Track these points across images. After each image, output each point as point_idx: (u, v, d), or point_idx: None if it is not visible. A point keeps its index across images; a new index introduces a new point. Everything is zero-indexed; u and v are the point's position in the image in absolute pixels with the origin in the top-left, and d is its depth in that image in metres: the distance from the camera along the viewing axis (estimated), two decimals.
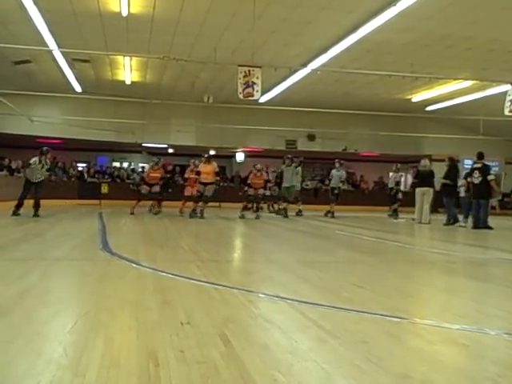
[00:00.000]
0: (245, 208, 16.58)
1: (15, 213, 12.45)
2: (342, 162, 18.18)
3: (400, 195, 19.11)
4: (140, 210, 15.48)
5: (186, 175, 16.54)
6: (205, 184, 14.75)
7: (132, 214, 15.07)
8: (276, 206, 18.84)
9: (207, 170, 14.85)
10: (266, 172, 17.96)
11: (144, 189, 15.72)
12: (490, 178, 13.61)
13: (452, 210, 14.75)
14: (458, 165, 15.98)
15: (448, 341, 3.17)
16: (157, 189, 15.66)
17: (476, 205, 13.71)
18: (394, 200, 18.67)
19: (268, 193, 18.57)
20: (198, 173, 14.99)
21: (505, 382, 2.46)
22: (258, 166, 16.65)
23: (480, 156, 13.98)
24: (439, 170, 15.79)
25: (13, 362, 2.50)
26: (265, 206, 19.67)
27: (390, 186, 19.11)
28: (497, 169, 19.91)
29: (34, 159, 12.88)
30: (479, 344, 3.17)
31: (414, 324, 3.59)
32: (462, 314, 3.87)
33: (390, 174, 19.48)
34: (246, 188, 17.79)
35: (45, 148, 13.20)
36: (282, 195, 17.19)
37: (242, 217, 15.34)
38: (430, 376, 2.51)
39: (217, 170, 15.12)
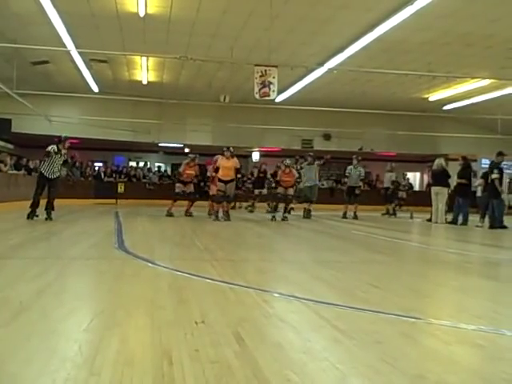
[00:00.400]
0: (275, 209, 15.56)
1: (31, 215, 11.19)
2: (359, 158, 17.12)
3: (402, 194, 19.06)
4: (156, 211, 15.46)
5: (208, 174, 15.32)
6: (226, 182, 13.43)
7: (170, 215, 14.08)
8: (272, 204, 17.71)
9: (229, 165, 13.46)
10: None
11: (178, 187, 14.52)
12: (493, 176, 13.51)
13: (465, 211, 14.59)
14: (471, 164, 15.81)
15: (464, 341, 3.14)
16: (191, 188, 14.53)
17: (491, 204, 13.62)
18: (390, 199, 18.53)
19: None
20: (217, 169, 13.58)
21: None
22: (287, 162, 15.02)
23: (498, 155, 13.88)
24: (454, 170, 15.62)
25: (28, 359, 2.51)
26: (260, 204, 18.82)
27: (385, 185, 18.95)
28: None
29: (52, 146, 11.50)
30: (496, 345, 3.13)
31: (430, 324, 3.56)
32: (479, 315, 3.83)
33: (385, 173, 19.36)
34: (273, 185, 16.43)
35: (64, 135, 11.99)
36: (303, 194, 16.25)
37: (274, 219, 14.25)
38: (445, 377, 2.49)
39: (238, 166, 13.79)
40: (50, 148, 11.49)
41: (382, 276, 5.63)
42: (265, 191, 18.72)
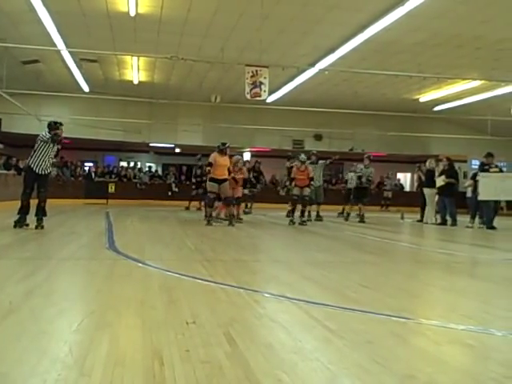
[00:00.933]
0: (292, 212, 13.53)
1: (19, 222, 9.25)
2: (371, 156, 15.77)
3: (387, 194, 18.65)
4: (147, 212, 15.40)
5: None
6: (219, 182, 11.72)
7: (209, 224, 11.58)
8: (251, 205, 17.32)
9: (225, 163, 11.85)
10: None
11: (211, 186, 11.83)
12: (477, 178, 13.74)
13: (453, 211, 14.61)
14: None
15: (454, 341, 3.16)
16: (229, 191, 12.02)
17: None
18: (355, 200, 16.07)
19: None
20: (210, 164, 11.81)
21: (510, 383, 2.45)
22: (303, 157, 13.24)
23: (487, 156, 14.00)
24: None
25: (19, 360, 2.51)
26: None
27: (349, 186, 17.01)
28: (505, 169, 19.80)
29: (45, 134, 9.25)
30: (485, 345, 3.15)
31: (420, 324, 3.58)
32: (468, 315, 3.85)
33: (349, 172, 17.94)
34: (288, 185, 14.91)
35: (58, 122, 9.51)
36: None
37: (292, 223, 12.82)
38: (435, 377, 2.50)
39: (229, 164, 12.13)
40: (42, 135, 9.27)
41: (373, 276, 5.65)
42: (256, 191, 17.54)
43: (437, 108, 21.95)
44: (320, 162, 15.53)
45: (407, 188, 28.68)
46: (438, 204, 15.05)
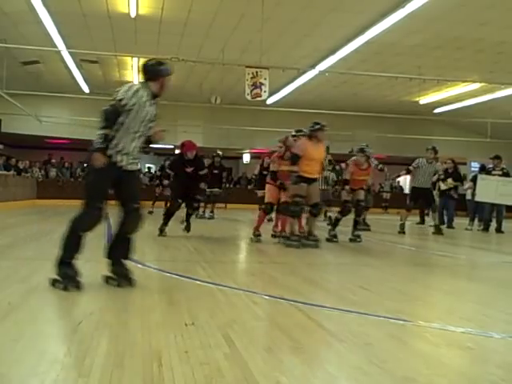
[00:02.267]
0: (336, 221, 9.70)
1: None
2: (437, 148, 12.61)
3: (386, 196, 18.44)
4: (145, 212, 15.26)
5: (256, 172, 12.99)
6: (309, 181, 8.30)
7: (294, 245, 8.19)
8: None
9: (316, 155, 8.51)
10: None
11: (297, 188, 8.16)
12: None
13: (453, 213, 14.61)
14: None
15: (453, 344, 3.16)
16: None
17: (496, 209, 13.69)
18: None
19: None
20: (297, 157, 8.21)
21: None
22: (368, 150, 9.89)
23: (494, 158, 14.05)
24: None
25: (18, 361, 2.51)
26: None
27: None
28: None
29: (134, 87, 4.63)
30: (484, 347, 3.15)
31: (419, 327, 3.58)
32: (467, 317, 3.86)
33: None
34: (337, 187, 12.59)
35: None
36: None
37: (334, 238, 9.48)
38: (434, 379, 2.50)
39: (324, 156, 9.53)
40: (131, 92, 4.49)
41: (372, 278, 5.65)
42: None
43: (437, 110, 21.96)
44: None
45: (406, 190, 28.65)
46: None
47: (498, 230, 13.24)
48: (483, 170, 14.62)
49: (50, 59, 17.08)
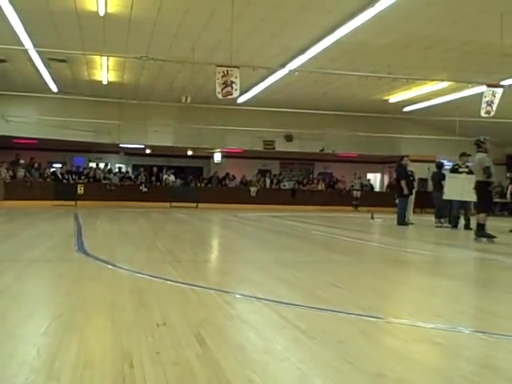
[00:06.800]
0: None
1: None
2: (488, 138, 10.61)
3: (356, 194, 18.68)
4: (117, 213, 15.22)
5: None
6: None
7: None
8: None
9: None
10: None
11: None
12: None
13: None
14: None
15: (423, 340, 3.19)
16: None
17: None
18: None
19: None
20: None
21: (478, 381, 2.48)
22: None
23: (461, 155, 14.41)
24: (418, 171, 15.87)
25: None
26: None
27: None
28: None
29: None
30: (454, 343, 3.19)
31: (390, 323, 3.61)
32: (437, 313, 3.90)
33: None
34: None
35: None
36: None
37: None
38: (405, 375, 2.52)
39: None
40: None
41: (343, 276, 5.68)
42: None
43: (406, 109, 22.18)
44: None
45: (377, 188, 28.97)
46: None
47: (467, 226, 13.43)
48: (441, 167, 15.35)
49: (17, 58, 16.82)
